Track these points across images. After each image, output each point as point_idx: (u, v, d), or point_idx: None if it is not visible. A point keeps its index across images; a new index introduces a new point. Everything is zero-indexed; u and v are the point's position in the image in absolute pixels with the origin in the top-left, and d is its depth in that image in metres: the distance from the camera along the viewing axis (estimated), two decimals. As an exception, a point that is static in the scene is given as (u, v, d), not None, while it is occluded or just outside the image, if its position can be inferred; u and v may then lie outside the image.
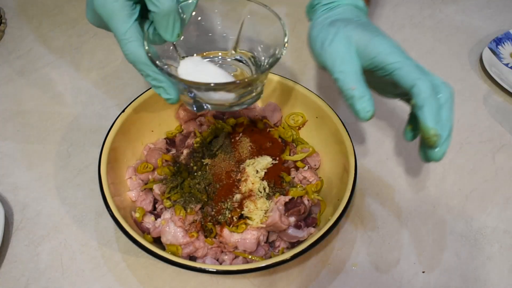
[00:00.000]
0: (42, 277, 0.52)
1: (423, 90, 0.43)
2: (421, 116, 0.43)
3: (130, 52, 0.42)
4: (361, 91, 0.45)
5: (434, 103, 0.43)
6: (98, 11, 0.42)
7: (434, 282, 0.53)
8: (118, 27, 0.42)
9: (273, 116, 0.62)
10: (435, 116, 0.42)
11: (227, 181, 0.53)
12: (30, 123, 0.65)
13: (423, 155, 0.46)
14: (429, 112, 0.42)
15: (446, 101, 0.44)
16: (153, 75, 0.44)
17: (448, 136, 0.43)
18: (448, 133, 0.43)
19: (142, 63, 0.43)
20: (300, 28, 0.81)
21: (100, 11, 0.41)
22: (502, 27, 0.82)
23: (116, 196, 0.51)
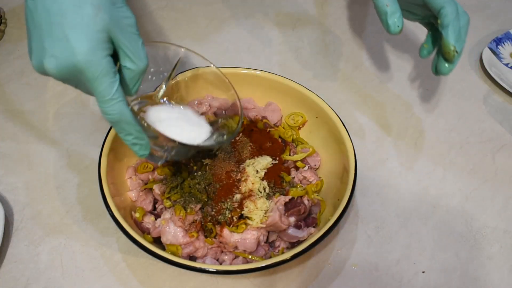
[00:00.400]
0: (42, 277, 0.52)
1: (450, 12, 0.51)
2: (445, 34, 0.51)
3: (116, 112, 0.40)
4: (394, 8, 0.51)
5: (457, 25, 0.51)
6: (79, 66, 0.37)
7: (434, 282, 0.53)
8: (106, 86, 0.38)
9: (273, 116, 0.62)
10: (457, 35, 0.51)
11: (227, 181, 0.53)
12: (30, 123, 0.65)
13: (434, 69, 0.56)
14: (452, 31, 0.51)
15: (464, 25, 0.52)
16: (136, 133, 0.42)
17: (460, 54, 0.53)
18: (460, 51, 0.53)
19: (127, 122, 0.41)
20: (300, 28, 0.81)
21: (83, 67, 0.37)
22: (502, 27, 0.82)
23: (116, 196, 0.51)
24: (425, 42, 0.58)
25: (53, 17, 0.37)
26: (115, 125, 0.41)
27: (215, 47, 0.77)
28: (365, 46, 0.78)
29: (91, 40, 0.37)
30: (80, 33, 0.37)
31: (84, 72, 0.38)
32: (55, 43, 0.37)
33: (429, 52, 0.58)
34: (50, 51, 0.37)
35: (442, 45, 0.52)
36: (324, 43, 0.79)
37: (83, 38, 0.37)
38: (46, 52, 0.38)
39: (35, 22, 0.38)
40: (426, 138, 0.67)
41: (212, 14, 0.82)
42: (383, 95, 0.72)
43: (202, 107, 0.61)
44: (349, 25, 0.81)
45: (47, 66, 0.38)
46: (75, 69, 0.38)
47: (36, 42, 0.39)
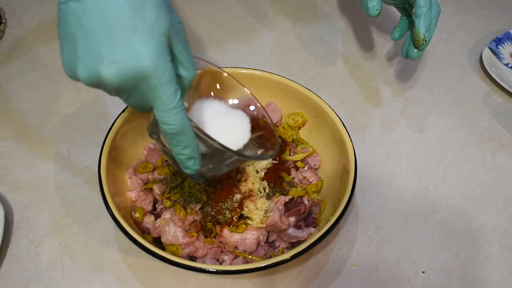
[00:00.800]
0: (42, 277, 0.52)
1: (424, 4, 0.56)
2: (417, 22, 0.57)
3: (179, 122, 0.37)
4: None
5: (428, 16, 0.57)
6: (145, 72, 0.34)
7: (434, 282, 0.53)
8: (170, 94, 0.36)
9: (273, 116, 0.62)
10: (427, 25, 0.57)
11: (227, 181, 0.53)
12: (30, 123, 0.65)
13: (404, 53, 0.62)
14: (424, 21, 0.57)
15: (435, 16, 0.58)
16: (193, 146, 0.39)
17: (428, 42, 0.59)
18: (429, 39, 0.59)
19: (187, 134, 0.38)
20: (300, 28, 0.81)
21: (149, 73, 0.34)
22: (502, 27, 0.82)
23: (116, 196, 0.51)
24: (398, 26, 0.63)
25: (111, 21, 0.34)
26: (173, 137, 0.38)
27: (215, 47, 0.77)
28: (366, 46, 0.78)
29: (156, 44, 0.35)
30: (144, 37, 0.34)
31: (149, 78, 0.35)
32: (116, 48, 0.34)
33: (401, 36, 0.63)
34: (109, 57, 0.34)
35: (413, 33, 0.58)
36: (324, 43, 0.79)
37: (148, 42, 0.34)
38: (104, 58, 0.34)
39: (83, 26, 0.34)
40: (426, 138, 0.67)
41: (212, 14, 0.82)
42: (383, 95, 0.72)
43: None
44: (349, 25, 0.81)
45: (105, 73, 0.34)
46: (139, 76, 0.35)
47: (84, 48, 0.35)
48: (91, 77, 0.35)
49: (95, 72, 0.35)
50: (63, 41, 0.36)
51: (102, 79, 0.35)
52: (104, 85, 0.35)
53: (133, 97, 0.37)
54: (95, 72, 0.35)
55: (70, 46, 0.35)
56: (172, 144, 0.39)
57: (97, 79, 0.35)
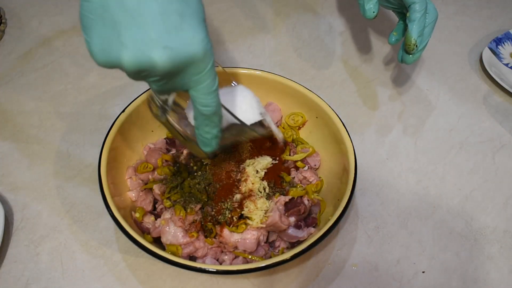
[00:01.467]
0: (42, 277, 0.52)
1: (418, 9, 0.56)
2: (410, 27, 0.57)
3: (217, 104, 0.39)
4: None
5: (422, 21, 0.57)
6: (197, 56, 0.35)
7: (434, 282, 0.53)
8: (213, 77, 0.37)
9: (273, 116, 0.62)
10: (420, 31, 0.57)
11: (227, 181, 0.53)
12: (30, 123, 0.65)
13: (399, 57, 0.61)
14: (417, 27, 0.57)
15: (430, 22, 0.58)
16: (220, 125, 0.41)
17: (422, 48, 0.59)
18: (423, 46, 0.59)
19: (219, 114, 0.40)
20: (300, 28, 0.81)
21: (200, 57, 0.35)
22: (502, 27, 0.82)
23: (116, 196, 0.51)
24: (395, 30, 0.63)
25: (161, 4, 0.33)
26: (208, 117, 0.39)
27: (216, 47, 0.77)
28: (366, 47, 0.78)
29: (204, 29, 0.35)
30: (194, 22, 0.35)
31: (199, 63, 0.35)
32: (169, 34, 0.33)
33: (397, 40, 0.63)
34: (162, 42, 0.33)
35: (405, 37, 0.58)
36: (324, 43, 0.79)
37: (198, 27, 0.35)
38: (157, 43, 0.33)
39: (129, 11, 0.33)
40: (426, 138, 0.67)
41: (212, 14, 0.82)
42: (383, 95, 0.72)
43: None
44: (350, 25, 0.82)
45: (158, 59, 0.33)
46: (190, 61, 0.35)
47: (131, 33, 0.33)
48: (140, 63, 0.34)
49: (145, 58, 0.33)
50: (95, 27, 0.34)
51: (155, 65, 0.34)
52: (154, 70, 0.34)
53: (175, 80, 0.37)
54: (145, 58, 0.33)
55: (108, 32, 0.33)
56: (204, 124, 0.40)
57: (147, 64, 0.34)
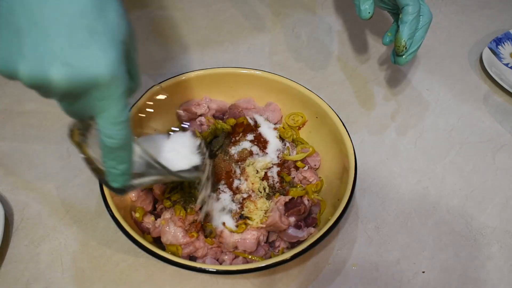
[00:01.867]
0: (42, 277, 0.52)
1: (411, 12, 0.56)
2: (401, 28, 0.57)
3: (124, 137, 0.35)
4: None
5: (414, 23, 0.57)
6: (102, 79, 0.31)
7: (434, 282, 0.53)
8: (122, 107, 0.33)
9: (273, 116, 0.62)
10: (410, 33, 0.57)
11: (227, 181, 0.53)
12: (30, 123, 0.65)
13: (392, 58, 0.62)
14: (407, 29, 0.57)
15: (424, 25, 0.58)
16: (129, 163, 0.37)
17: (414, 51, 0.59)
18: (415, 48, 0.59)
19: (127, 150, 0.36)
20: (299, 28, 0.81)
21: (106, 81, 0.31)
22: (502, 27, 0.82)
23: (116, 196, 0.51)
24: (389, 31, 0.63)
25: (70, 17, 0.30)
26: (113, 151, 0.35)
27: (215, 47, 0.77)
28: (366, 47, 0.78)
29: (116, 51, 0.31)
30: (105, 41, 0.31)
31: (103, 87, 0.32)
32: (72, 50, 0.30)
33: (391, 41, 0.63)
34: (63, 58, 0.30)
35: (395, 39, 0.58)
36: (324, 43, 0.79)
37: (109, 47, 0.31)
38: (57, 58, 0.30)
39: (34, 18, 0.30)
40: (426, 138, 0.67)
41: (212, 14, 0.82)
42: (383, 95, 0.72)
43: (201, 108, 0.61)
44: (350, 25, 0.81)
45: (55, 76, 0.30)
46: (93, 83, 0.31)
47: (32, 44, 0.30)
48: (35, 77, 0.30)
49: (42, 73, 0.30)
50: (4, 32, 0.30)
51: (50, 82, 0.30)
52: (49, 88, 0.31)
53: (76, 104, 0.33)
54: (42, 73, 0.30)
55: (10, 38, 0.30)
56: (109, 157, 0.36)
57: (43, 80, 0.31)
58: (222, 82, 0.62)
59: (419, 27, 0.58)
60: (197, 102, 0.61)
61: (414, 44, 0.58)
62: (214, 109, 0.62)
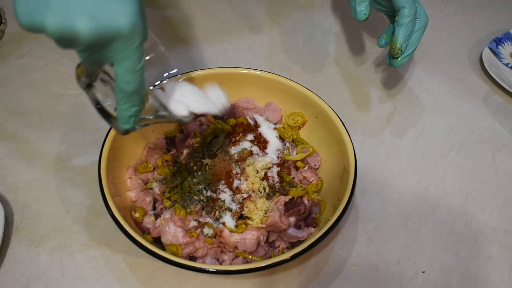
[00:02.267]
0: (42, 277, 0.52)
1: (407, 14, 0.56)
2: (397, 31, 0.57)
3: (139, 82, 0.38)
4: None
5: (410, 26, 0.57)
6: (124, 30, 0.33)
7: (434, 282, 0.53)
8: (140, 55, 0.36)
9: (273, 116, 0.62)
10: (406, 36, 0.57)
11: (227, 181, 0.53)
12: (30, 123, 0.65)
13: (387, 61, 0.62)
14: (403, 31, 0.56)
15: (420, 28, 0.58)
16: (141, 105, 0.40)
17: (410, 53, 0.59)
18: (411, 51, 0.59)
19: (140, 94, 0.39)
20: (299, 28, 0.81)
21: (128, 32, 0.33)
22: (502, 27, 0.82)
23: (116, 196, 0.51)
24: (385, 33, 0.63)
25: None
26: (128, 95, 0.38)
27: (215, 47, 0.77)
28: (365, 46, 0.78)
29: (135, 4, 0.33)
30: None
31: (126, 38, 0.34)
32: (97, 2, 0.32)
33: (387, 43, 0.62)
34: (88, 11, 0.32)
35: (391, 41, 0.58)
36: (324, 43, 0.79)
37: (129, 0, 0.33)
38: (83, 11, 0.32)
39: None
40: (426, 138, 0.67)
41: (212, 14, 0.82)
42: (383, 95, 0.72)
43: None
44: (349, 25, 0.81)
45: (82, 28, 0.32)
46: (117, 35, 0.33)
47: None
48: (62, 30, 0.32)
49: (69, 25, 0.32)
50: None
51: (77, 34, 0.32)
52: (75, 40, 0.33)
53: (97, 54, 0.35)
54: (69, 25, 0.32)
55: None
56: (123, 101, 0.39)
57: (69, 32, 0.32)
58: (222, 82, 0.61)
59: (415, 30, 0.58)
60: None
61: (410, 47, 0.58)
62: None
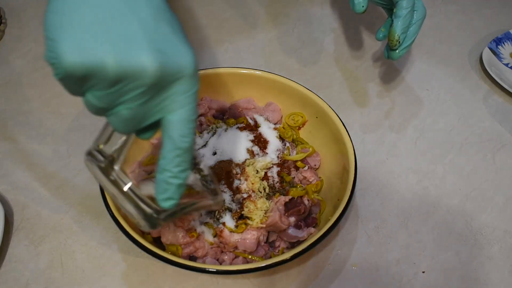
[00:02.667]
0: (42, 277, 0.52)
1: (405, 6, 0.56)
2: (395, 22, 0.57)
3: (193, 136, 0.34)
4: None
5: (408, 18, 0.57)
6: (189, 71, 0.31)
7: (434, 282, 0.53)
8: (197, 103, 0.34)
9: (273, 116, 0.62)
10: (404, 27, 0.57)
11: (227, 181, 0.53)
12: (30, 123, 0.65)
13: (385, 53, 0.62)
14: (401, 23, 0.57)
15: (418, 20, 0.58)
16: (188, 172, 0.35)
17: (408, 46, 0.59)
18: (409, 43, 0.59)
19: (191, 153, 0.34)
20: (299, 28, 0.81)
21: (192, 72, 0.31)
22: (502, 27, 0.82)
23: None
24: (383, 27, 0.63)
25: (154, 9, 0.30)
26: (183, 153, 0.33)
27: (215, 47, 0.77)
28: (366, 47, 0.78)
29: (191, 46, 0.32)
30: (183, 35, 0.32)
31: (189, 79, 0.32)
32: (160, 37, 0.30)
33: (385, 36, 0.63)
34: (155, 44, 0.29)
35: (389, 33, 0.58)
36: (325, 43, 0.79)
37: (187, 41, 0.32)
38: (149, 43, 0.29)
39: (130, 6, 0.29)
40: (426, 138, 0.67)
41: (212, 14, 0.82)
42: (383, 95, 0.72)
43: (201, 108, 0.61)
44: (350, 25, 0.81)
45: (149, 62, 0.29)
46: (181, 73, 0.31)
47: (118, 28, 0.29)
48: (126, 65, 0.28)
49: (133, 59, 0.28)
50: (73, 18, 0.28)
51: (144, 69, 0.29)
52: (139, 77, 0.29)
53: (154, 100, 0.32)
54: (133, 59, 0.28)
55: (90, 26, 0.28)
56: (174, 162, 0.33)
57: (134, 68, 0.29)
58: (222, 82, 0.61)
59: (413, 22, 0.58)
60: (197, 102, 0.61)
61: (408, 39, 0.59)
62: (214, 109, 0.62)
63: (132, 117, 0.32)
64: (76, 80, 0.30)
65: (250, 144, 0.56)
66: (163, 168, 0.34)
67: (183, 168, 0.34)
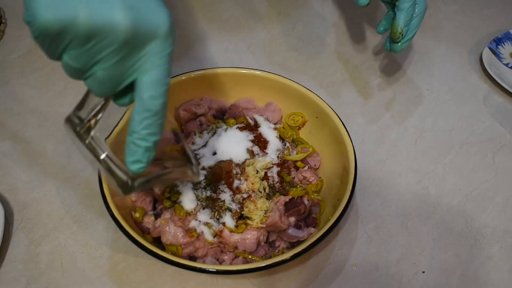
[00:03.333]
0: (42, 277, 0.52)
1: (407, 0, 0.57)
2: (397, 15, 0.58)
3: (165, 99, 0.34)
4: None
5: (410, 11, 0.58)
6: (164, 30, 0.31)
7: (434, 282, 0.53)
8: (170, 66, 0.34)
9: (273, 116, 0.62)
10: (407, 20, 0.58)
11: (227, 181, 0.53)
12: (30, 123, 0.65)
13: (387, 46, 0.63)
14: (404, 16, 0.58)
15: (419, 13, 0.59)
16: (158, 136, 0.35)
17: (410, 38, 0.60)
18: (411, 36, 0.60)
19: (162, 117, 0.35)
20: (300, 27, 0.81)
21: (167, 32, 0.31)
22: (502, 27, 0.82)
23: (116, 196, 0.51)
24: (383, 20, 0.64)
25: None
26: (152, 116, 0.33)
27: (215, 47, 0.77)
28: (366, 47, 0.78)
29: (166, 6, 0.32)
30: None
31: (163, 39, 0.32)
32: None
33: (385, 29, 0.63)
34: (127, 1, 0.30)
35: (392, 25, 0.59)
36: (324, 43, 0.79)
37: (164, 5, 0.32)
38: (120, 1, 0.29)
39: None
40: (426, 138, 0.67)
41: (212, 14, 0.82)
42: (383, 95, 0.72)
43: (201, 108, 0.61)
44: (350, 25, 0.81)
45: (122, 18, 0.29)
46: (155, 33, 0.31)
47: None
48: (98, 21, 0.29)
49: (105, 15, 0.29)
50: None
51: (116, 26, 0.29)
52: (112, 34, 0.29)
53: (126, 61, 0.32)
54: (105, 15, 0.29)
55: None
56: (143, 124, 0.33)
57: (106, 25, 0.29)
58: (222, 82, 0.62)
59: (414, 15, 0.59)
60: (197, 102, 0.61)
61: (410, 32, 0.60)
62: (214, 109, 0.62)
63: (108, 78, 0.32)
64: (52, 39, 0.30)
65: (250, 144, 0.56)
66: (132, 130, 0.34)
67: (152, 131, 0.34)
